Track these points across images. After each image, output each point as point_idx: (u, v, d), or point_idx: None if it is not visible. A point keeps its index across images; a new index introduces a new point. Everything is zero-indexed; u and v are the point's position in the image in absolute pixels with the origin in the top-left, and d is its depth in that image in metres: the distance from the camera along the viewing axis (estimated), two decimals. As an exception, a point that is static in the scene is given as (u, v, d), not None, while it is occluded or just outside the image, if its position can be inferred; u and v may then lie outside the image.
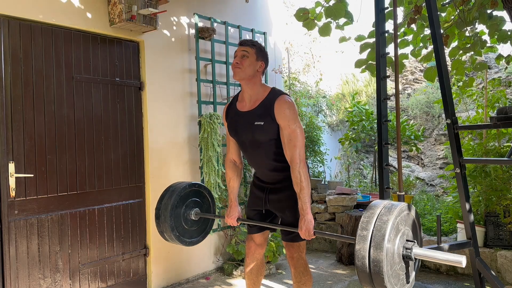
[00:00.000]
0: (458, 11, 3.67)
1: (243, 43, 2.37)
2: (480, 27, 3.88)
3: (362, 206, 4.88)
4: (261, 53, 2.37)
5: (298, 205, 2.27)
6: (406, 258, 1.68)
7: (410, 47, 4.18)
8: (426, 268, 4.09)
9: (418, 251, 1.68)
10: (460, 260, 1.57)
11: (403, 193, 2.64)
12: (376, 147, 5.27)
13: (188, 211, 2.62)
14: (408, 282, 1.73)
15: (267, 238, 2.69)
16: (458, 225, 3.89)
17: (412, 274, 1.77)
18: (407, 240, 1.71)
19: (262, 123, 2.29)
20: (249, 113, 2.36)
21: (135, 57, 3.54)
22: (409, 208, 1.75)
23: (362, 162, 7.63)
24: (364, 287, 1.68)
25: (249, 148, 2.43)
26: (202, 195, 2.71)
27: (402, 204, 1.72)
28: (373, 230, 1.63)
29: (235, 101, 2.49)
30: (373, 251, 1.59)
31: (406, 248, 1.68)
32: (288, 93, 2.46)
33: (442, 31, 3.69)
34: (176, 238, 2.53)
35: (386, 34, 2.82)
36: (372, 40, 3.71)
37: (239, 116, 2.41)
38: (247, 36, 4.55)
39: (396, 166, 6.34)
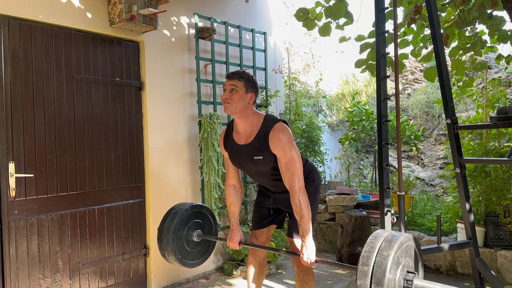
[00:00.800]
0: (458, 11, 3.67)
1: (230, 76, 2.32)
2: (480, 27, 3.88)
3: (362, 206, 4.88)
4: (250, 84, 2.33)
5: (299, 232, 2.29)
6: None
7: (410, 47, 4.18)
8: (426, 268, 4.09)
9: (419, 283, 1.69)
10: None
11: (403, 193, 2.64)
12: (376, 147, 5.28)
13: (190, 233, 2.62)
14: None
15: (269, 237, 2.71)
16: (458, 225, 3.89)
17: None
18: (408, 272, 1.72)
19: (261, 158, 2.32)
20: (246, 147, 2.36)
21: (135, 57, 3.54)
22: (410, 239, 1.77)
23: (362, 162, 7.63)
24: None
25: (255, 175, 2.50)
26: (204, 216, 2.72)
27: (403, 237, 1.72)
28: (373, 265, 1.64)
29: (231, 131, 2.47)
30: (374, 287, 1.60)
31: (407, 280, 1.69)
32: (282, 118, 2.43)
33: (442, 31, 3.69)
34: (178, 261, 2.54)
35: (386, 34, 2.82)
36: (372, 40, 3.72)
37: (238, 149, 2.41)
38: (247, 36, 4.55)
39: (396, 166, 6.34)
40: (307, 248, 2.22)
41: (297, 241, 2.49)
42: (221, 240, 2.67)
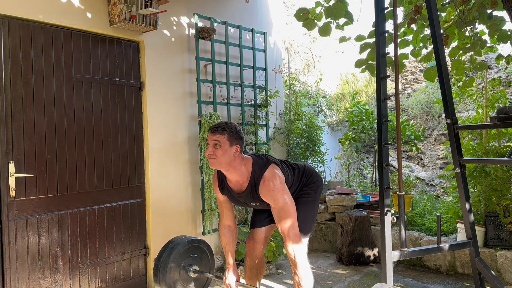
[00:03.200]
0: (458, 11, 3.67)
1: (213, 130, 2.28)
2: (480, 27, 3.88)
3: (362, 206, 4.88)
4: (234, 136, 2.28)
5: (294, 280, 2.31)
6: None
7: (410, 47, 4.18)
8: (426, 268, 4.09)
9: None
10: None
11: (403, 193, 2.64)
12: (376, 147, 5.27)
13: (187, 268, 2.62)
14: None
15: (269, 236, 2.71)
16: (458, 225, 3.89)
17: None
18: None
19: (257, 204, 2.40)
20: (243, 195, 2.40)
21: (135, 57, 3.54)
22: None
23: (362, 162, 7.63)
24: None
25: (255, 210, 2.64)
26: (201, 250, 2.72)
27: None
28: None
29: (224, 177, 2.47)
30: None
31: None
32: (271, 159, 2.40)
33: (442, 31, 3.69)
34: None
35: (386, 34, 2.82)
36: (372, 40, 3.72)
37: (235, 197, 2.45)
38: (247, 36, 4.55)
39: (396, 166, 6.34)
40: None
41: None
42: (217, 278, 2.67)
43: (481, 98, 4.60)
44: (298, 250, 2.24)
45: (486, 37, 3.81)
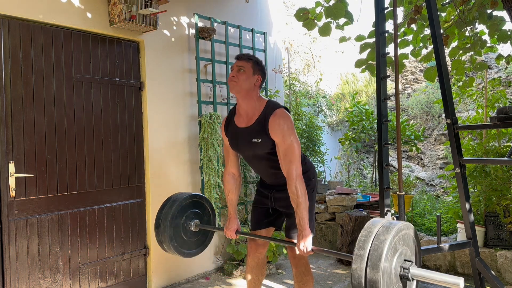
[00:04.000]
0: (458, 11, 3.67)
1: (239, 57, 2.36)
2: (480, 27, 3.88)
3: (362, 206, 4.88)
4: (257, 67, 2.35)
5: (296, 220, 2.26)
6: (404, 279, 1.67)
7: (410, 47, 4.18)
8: (426, 268, 4.09)
9: (416, 272, 1.66)
10: (458, 282, 1.57)
11: (403, 193, 2.64)
12: (376, 147, 5.27)
13: (188, 222, 2.61)
14: None
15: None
16: (458, 225, 3.89)
17: None
18: (405, 260, 1.69)
19: (259, 141, 2.31)
20: (246, 130, 2.37)
21: (135, 57, 3.54)
22: (408, 227, 1.75)
23: (362, 162, 7.63)
24: None
25: (252, 160, 2.48)
26: (203, 207, 2.71)
27: (401, 223, 1.71)
28: (370, 249, 1.61)
29: (233, 116, 2.48)
30: (370, 271, 1.57)
31: (404, 268, 1.66)
32: (284, 105, 2.44)
33: (442, 31, 3.69)
34: (174, 249, 2.53)
35: (386, 34, 2.82)
36: (372, 40, 3.71)
37: (238, 133, 2.42)
38: (247, 36, 4.55)
39: (396, 166, 6.34)
40: (303, 236, 2.20)
41: (295, 241, 2.49)
42: (218, 229, 2.67)
43: (481, 98, 4.60)
44: (301, 189, 2.22)
45: (486, 37, 3.81)
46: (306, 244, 2.18)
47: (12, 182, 2.78)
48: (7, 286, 2.76)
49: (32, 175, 2.88)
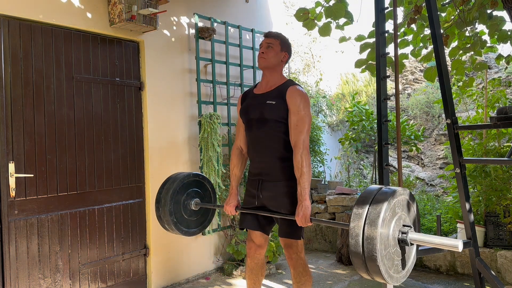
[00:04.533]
0: (458, 11, 3.67)
1: (268, 35, 2.49)
2: (480, 27, 3.88)
3: (362, 206, 4.87)
4: (285, 45, 2.49)
5: (297, 191, 2.29)
6: (402, 243, 1.66)
7: (410, 47, 4.18)
8: (426, 268, 4.09)
9: (414, 236, 1.66)
10: (456, 244, 1.56)
11: (403, 193, 2.63)
12: (376, 147, 5.27)
13: (189, 200, 2.63)
14: (403, 269, 1.70)
15: (267, 239, 2.68)
16: (458, 225, 3.89)
17: (409, 262, 1.74)
18: (404, 225, 1.69)
19: (274, 102, 2.39)
20: (263, 95, 2.47)
21: (135, 57, 3.54)
22: (406, 193, 1.73)
23: (362, 162, 7.63)
24: (358, 270, 1.65)
25: (254, 126, 2.47)
26: (205, 187, 2.72)
27: (400, 188, 1.70)
28: (368, 208, 1.61)
29: (253, 88, 2.60)
30: (368, 228, 1.57)
31: (402, 232, 1.66)
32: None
33: (442, 31, 3.69)
34: (173, 225, 2.53)
35: (386, 34, 2.82)
36: (372, 40, 3.71)
37: (254, 98, 2.52)
38: (247, 36, 4.55)
39: (396, 166, 6.34)
40: (303, 207, 2.23)
41: (289, 240, 2.48)
42: (218, 207, 2.68)
43: (481, 98, 4.60)
44: (306, 159, 2.28)
45: (486, 37, 3.81)
46: (305, 215, 2.22)
47: (12, 182, 2.78)
48: (7, 286, 2.76)
49: (32, 175, 2.88)
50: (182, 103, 3.88)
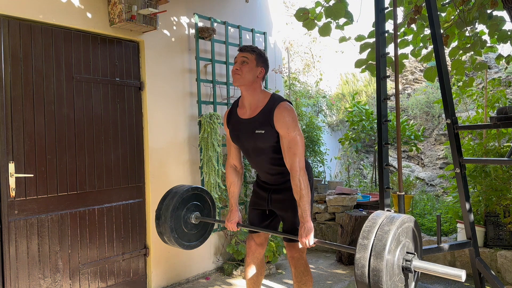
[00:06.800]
0: (458, 11, 3.67)
1: (243, 49, 2.36)
2: (480, 27, 3.88)
3: (362, 206, 4.88)
4: (261, 59, 2.36)
5: (298, 213, 2.26)
6: (406, 270, 1.67)
7: (410, 47, 4.18)
8: (426, 268, 4.09)
9: (418, 264, 1.67)
10: (460, 274, 1.57)
11: (403, 193, 2.64)
12: (376, 147, 5.27)
13: (189, 214, 2.62)
14: None
15: (267, 238, 2.69)
16: (458, 225, 3.89)
17: (411, 287, 1.77)
18: (408, 252, 1.70)
19: (263, 132, 2.30)
20: (250, 121, 2.35)
21: (135, 57, 3.54)
22: (411, 220, 1.75)
23: (362, 162, 7.63)
24: None
25: (252, 154, 2.45)
26: (204, 199, 2.71)
27: (404, 216, 1.72)
28: (374, 239, 1.62)
29: (236, 107, 2.48)
30: (373, 261, 1.58)
31: (406, 260, 1.67)
32: (288, 99, 2.46)
33: (442, 31, 3.69)
34: (174, 240, 2.53)
35: (386, 34, 2.82)
36: (372, 40, 3.71)
37: (241, 123, 2.40)
38: (247, 36, 4.55)
39: (396, 166, 6.34)
40: (305, 229, 2.20)
41: (293, 244, 2.48)
42: (219, 222, 2.67)
43: (481, 98, 4.60)
44: (304, 181, 2.23)
45: (486, 37, 3.81)
46: (308, 236, 2.19)
47: (12, 182, 2.78)
48: (7, 286, 2.76)
49: (32, 175, 2.88)
50: (182, 103, 3.88)
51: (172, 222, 2.50)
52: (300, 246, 2.25)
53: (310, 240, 2.19)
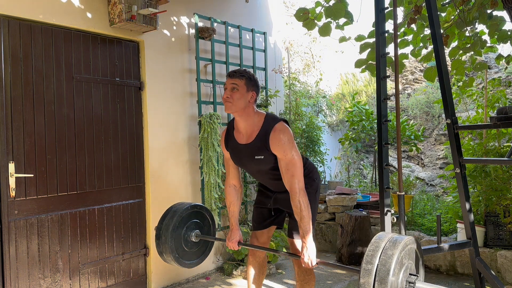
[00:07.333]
0: (458, 11, 3.67)
1: (231, 75, 2.31)
2: (480, 27, 3.88)
3: (362, 206, 4.88)
4: (251, 83, 2.31)
5: (299, 233, 2.27)
6: None
7: (410, 47, 4.18)
8: (426, 268, 4.09)
9: (422, 286, 1.69)
10: None
11: (403, 193, 2.64)
12: (376, 147, 5.27)
13: (189, 232, 2.61)
14: None
15: (270, 238, 2.71)
16: (458, 225, 3.89)
17: None
18: (410, 274, 1.72)
19: (262, 157, 2.32)
20: (248, 147, 2.36)
21: (135, 57, 3.54)
22: (413, 242, 1.77)
23: (362, 162, 7.63)
24: None
25: (256, 174, 2.51)
26: (203, 216, 2.71)
27: (407, 238, 1.73)
28: (378, 264, 1.64)
29: (232, 130, 2.46)
30: (378, 286, 1.59)
31: (410, 282, 1.69)
32: (283, 117, 2.45)
33: (442, 31, 3.69)
34: (175, 260, 2.52)
35: (386, 34, 2.82)
36: (372, 40, 3.71)
37: (240, 149, 2.41)
38: (247, 36, 4.55)
39: (396, 166, 6.34)
40: (308, 249, 2.21)
41: (297, 242, 2.49)
42: (219, 240, 2.67)
43: (481, 98, 4.60)
44: (304, 202, 2.23)
45: (486, 37, 3.81)
46: (310, 257, 2.21)
47: (12, 182, 2.78)
48: (7, 286, 2.76)
49: (32, 175, 2.88)
50: (182, 103, 3.88)
51: (173, 242, 2.50)
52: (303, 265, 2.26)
53: (312, 260, 2.21)
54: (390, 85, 7.87)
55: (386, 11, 2.83)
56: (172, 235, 2.50)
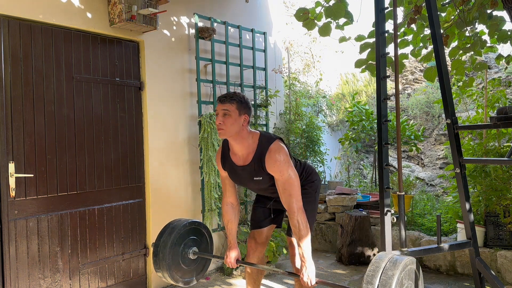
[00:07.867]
0: (458, 11, 3.67)
1: (222, 100, 2.27)
2: (480, 27, 3.88)
3: (362, 206, 4.88)
4: (242, 106, 2.28)
5: (299, 253, 2.28)
6: None
7: (410, 47, 4.18)
8: (426, 268, 4.09)
9: None
10: None
11: (403, 193, 2.64)
12: (376, 147, 5.27)
13: (187, 249, 2.61)
14: None
15: (269, 237, 2.71)
16: (458, 225, 3.89)
17: None
18: None
19: (260, 178, 2.34)
20: (246, 168, 2.36)
21: (135, 57, 3.54)
22: (412, 263, 1.77)
23: (362, 162, 7.63)
24: None
25: (257, 190, 2.57)
26: (201, 233, 2.70)
27: (407, 259, 1.73)
28: (378, 285, 1.64)
29: (227, 151, 2.45)
30: None
31: None
32: (277, 135, 2.45)
33: (442, 31, 3.69)
34: (172, 278, 2.52)
35: (386, 34, 2.82)
36: (372, 40, 3.71)
37: (238, 171, 2.41)
38: (247, 36, 4.55)
39: (396, 166, 6.34)
40: (307, 268, 2.23)
41: (296, 240, 2.50)
42: (217, 258, 2.67)
43: (481, 98, 4.59)
44: (302, 221, 2.23)
45: (486, 37, 3.81)
46: (310, 276, 2.22)
47: (12, 182, 2.78)
48: (7, 286, 2.76)
49: (32, 175, 2.88)
50: (182, 103, 3.88)
51: (170, 259, 2.49)
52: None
53: (312, 280, 2.22)
54: (390, 85, 7.87)
55: (386, 11, 2.83)
56: (170, 252, 2.50)
